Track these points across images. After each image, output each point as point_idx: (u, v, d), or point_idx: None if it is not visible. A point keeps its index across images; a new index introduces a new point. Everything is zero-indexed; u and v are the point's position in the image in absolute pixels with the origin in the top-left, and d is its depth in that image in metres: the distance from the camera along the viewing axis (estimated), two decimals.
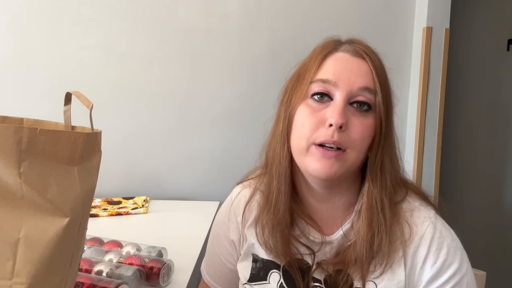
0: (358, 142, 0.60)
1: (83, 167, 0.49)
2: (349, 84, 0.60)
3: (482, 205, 1.90)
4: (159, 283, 0.79)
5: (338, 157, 0.60)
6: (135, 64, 1.54)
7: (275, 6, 1.55)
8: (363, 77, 0.61)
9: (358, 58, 0.62)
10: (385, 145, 0.63)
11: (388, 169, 0.63)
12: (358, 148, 0.61)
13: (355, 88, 0.60)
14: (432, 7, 1.53)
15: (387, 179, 0.63)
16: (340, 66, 0.62)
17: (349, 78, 0.60)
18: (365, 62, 0.62)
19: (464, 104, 1.83)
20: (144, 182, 1.57)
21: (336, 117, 0.58)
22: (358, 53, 0.63)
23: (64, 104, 0.55)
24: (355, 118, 0.60)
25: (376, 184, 0.63)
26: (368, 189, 0.63)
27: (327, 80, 0.61)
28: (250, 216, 0.73)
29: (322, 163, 0.60)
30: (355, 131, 0.60)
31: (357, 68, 0.61)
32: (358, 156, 0.61)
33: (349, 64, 0.62)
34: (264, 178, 0.72)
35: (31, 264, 0.43)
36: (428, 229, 0.63)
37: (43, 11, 1.49)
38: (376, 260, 0.63)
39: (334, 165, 0.60)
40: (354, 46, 0.64)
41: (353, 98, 0.61)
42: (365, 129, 0.60)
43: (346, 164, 0.61)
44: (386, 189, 0.63)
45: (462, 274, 0.62)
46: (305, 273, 0.67)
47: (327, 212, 0.69)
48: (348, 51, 0.63)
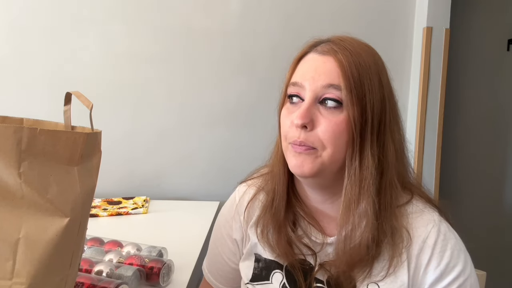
0: (328, 140, 0.60)
1: (83, 167, 0.49)
2: (314, 83, 0.61)
3: (482, 205, 1.90)
4: (159, 283, 0.79)
5: (308, 152, 0.61)
6: (135, 64, 1.54)
7: (275, 6, 1.55)
8: (326, 75, 0.61)
9: (326, 56, 0.62)
10: (363, 143, 0.61)
11: (368, 167, 0.61)
12: (330, 145, 0.60)
13: (319, 87, 0.61)
14: (432, 7, 1.53)
15: (367, 178, 0.61)
16: (306, 67, 0.63)
17: (313, 78, 0.61)
18: (331, 58, 0.61)
19: (464, 104, 1.83)
20: (144, 182, 1.58)
21: (297, 118, 0.60)
22: (326, 51, 0.63)
23: (64, 104, 0.55)
24: (322, 116, 0.61)
25: (353, 182, 0.61)
26: (346, 187, 0.62)
27: (296, 83, 0.63)
28: (253, 215, 0.73)
29: (296, 159, 0.62)
30: (323, 130, 0.60)
31: (322, 66, 0.62)
32: (333, 153, 0.61)
33: (315, 63, 0.62)
34: (268, 177, 0.73)
35: (31, 264, 0.43)
36: (432, 231, 0.63)
37: (43, 12, 1.49)
38: (379, 262, 0.63)
39: (306, 160, 0.61)
40: (327, 45, 0.64)
41: (321, 97, 0.61)
42: (334, 127, 0.60)
43: (319, 160, 0.61)
44: (365, 189, 0.61)
45: (465, 277, 0.62)
46: (308, 274, 0.67)
47: (328, 213, 0.69)
48: (317, 51, 0.64)
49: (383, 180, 0.62)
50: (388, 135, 0.64)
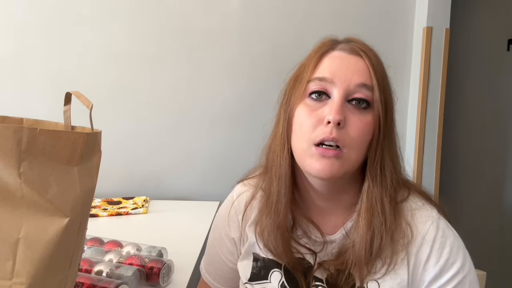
0: (357, 140, 0.60)
1: (83, 167, 0.49)
2: (346, 81, 0.60)
3: (482, 205, 1.90)
4: (159, 283, 0.79)
5: (338, 156, 0.59)
6: (135, 64, 1.54)
7: (275, 6, 1.55)
8: (359, 74, 0.61)
9: (355, 55, 0.63)
10: (385, 144, 0.63)
11: (388, 167, 0.63)
12: (357, 146, 0.60)
13: (352, 85, 0.60)
14: (432, 7, 1.53)
15: (387, 178, 0.63)
16: (336, 64, 0.62)
17: (346, 75, 0.61)
18: (361, 59, 0.62)
19: (464, 104, 1.83)
20: (144, 182, 1.58)
21: (333, 114, 0.58)
22: (354, 50, 0.63)
23: (64, 104, 0.55)
24: (353, 115, 0.60)
25: (376, 183, 0.62)
26: (368, 188, 0.63)
27: (324, 78, 0.61)
28: (251, 215, 0.73)
29: (323, 163, 0.59)
30: (354, 128, 0.60)
31: (354, 65, 0.61)
32: (358, 154, 0.61)
33: (346, 62, 0.62)
34: (265, 177, 0.71)
35: (31, 264, 0.43)
36: (431, 228, 0.63)
37: (43, 12, 1.49)
38: (379, 260, 0.63)
39: (335, 164, 0.59)
40: (351, 44, 0.64)
41: (350, 95, 0.61)
42: (364, 127, 0.60)
43: (346, 163, 0.60)
44: (386, 188, 0.62)
45: (464, 273, 0.62)
46: (307, 273, 0.67)
47: (329, 211, 0.69)
48: (344, 50, 0.64)
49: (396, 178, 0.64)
50: (394, 136, 0.66)
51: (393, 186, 0.63)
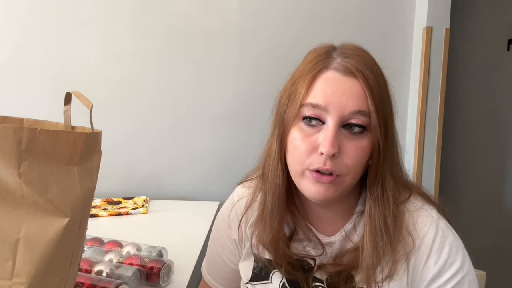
0: (353, 166, 0.59)
1: (83, 167, 0.49)
2: (340, 108, 0.57)
3: (482, 205, 1.90)
4: (159, 283, 0.79)
5: (333, 182, 0.59)
6: (135, 65, 1.54)
7: (276, 7, 1.55)
8: (354, 100, 0.58)
9: (350, 77, 0.59)
10: (385, 162, 0.61)
11: (390, 187, 0.62)
12: (354, 171, 0.60)
13: (346, 112, 0.57)
14: (432, 7, 1.53)
15: (390, 197, 0.62)
16: (330, 89, 0.58)
17: (340, 102, 0.57)
18: (357, 81, 0.58)
19: (464, 104, 1.83)
20: (144, 182, 1.57)
21: (327, 146, 0.56)
22: (349, 71, 0.59)
23: (64, 104, 0.55)
24: (348, 141, 0.58)
25: (377, 205, 0.62)
26: (370, 210, 0.62)
27: (317, 105, 0.58)
28: (251, 216, 0.73)
29: (318, 187, 0.59)
30: (349, 156, 0.58)
31: (349, 89, 0.58)
32: (353, 177, 0.61)
33: (340, 86, 0.58)
34: (262, 184, 0.71)
35: (31, 264, 0.43)
36: (430, 228, 0.63)
37: (43, 11, 1.49)
38: (380, 264, 0.63)
39: (330, 189, 0.59)
40: (346, 61, 0.60)
41: (345, 122, 0.58)
42: (360, 152, 0.59)
43: (341, 187, 0.60)
44: (389, 207, 0.62)
45: (464, 273, 0.62)
46: (307, 273, 0.68)
47: (329, 216, 0.69)
48: (338, 70, 0.59)
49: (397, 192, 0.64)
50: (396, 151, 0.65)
51: (395, 203, 0.63)
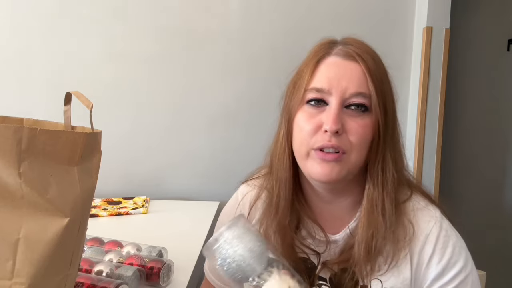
0: (357, 144, 0.61)
1: (83, 167, 0.49)
2: (342, 90, 0.61)
3: (482, 205, 1.90)
4: (159, 283, 0.79)
5: (338, 160, 0.60)
6: (135, 64, 1.54)
7: (274, 6, 1.55)
8: (355, 82, 0.61)
9: (351, 61, 0.62)
10: (386, 145, 0.63)
11: (389, 169, 0.63)
12: (358, 149, 0.61)
13: (347, 94, 0.61)
14: (432, 7, 1.53)
15: (389, 179, 0.63)
16: (332, 72, 0.62)
17: (342, 84, 0.61)
18: (357, 65, 0.62)
19: (464, 104, 1.83)
20: (144, 182, 1.57)
21: (330, 123, 0.59)
22: (350, 55, 0.62)
23: (64, 104, 0.55)
24: (351, 120, 0.61)
25: (376, 185, 0.63)
26: (369, 190, 0.64)
27: (321, 89, 0.62)
28: (255, 215, 0.73)
29: (323, 166, 0.61)
30: (353, 132, 0.60)
31: (349, 72, 0.61)
32: (358, 157, 0.62)
33: (341, 69, 0.62)
34: (269, 178, 0.72)
35: (31, 264, 0.43)
36: (434, 227, 0.64)
37: (43, 11, 1.49)
38: (381, 258, 0.63)
39: (335, 167, 0.60)
40: (347, 47, 0.64)
41: (347, 102, 0.61)
42: (363, 130, 0.61)
43: (346, 166, 0.61)
44: (387, 189, 0.63)
45: (467, 273, 0.63)
46: (311, 272, 0.68)
47: (333, 212, 0.69)
48: (339, 55, 0.63)
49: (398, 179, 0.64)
50: (397, 135, 0.66)
51: (394, 187, 0.63)
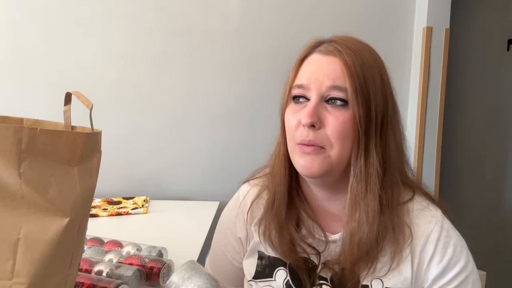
0: (335, 138, 0.61)
1: (83, 167, 0.49)
2: (319, 84, 0.62)
3: (482, 205, 1.90)
4: (159, 283, 0.79)
5: (316, 152, 0.61)
6: (135, 65, 1.54)
7: (275, 6, 1.55)
8: (331, 76, 0.61)
9: (330, 56, 0.63)
10: (369, 140, 0.62)
11: (373, 164, 0.62)
12: (338, 144, 0.61)
13: (324, 88, 0.61)
14: (432, 7, 1.53)
15: (372, 175, 0.62)
16: (311, 68, 0.64)
17: (318, 79, 0.62)
18: (336, 59, 0.62)
19: (464, 104, 1.83)
20: (144, 182, 1.57)
21: (305, 117, 0.60)
22: (330, 51, 0.63)
23: (64, 104, 0.55)
24: (329, 114, 0.61)
25: (358, 180, 0.62)
26: (352, 186, 0.63)
27: (301, 85, 0.64)
28: (257, 214, 0.73)
29: (304, 159, 0.62)
30: (330, 127, 0.61)
31: (326, 67, 0.62)
32: (340, 151, 0.61)
33: (319, 65, 0.63)
34: (270, 176, 0.73)
35: (31, 264, 0.43)
36: (435, 227, 0.64)
37: (43, 12, 1.49)
38: (382, 258, 0.63)
39: (315, 160, 0.61)
40: (330, 45, 0.64)
41: (326, 97, 0.62)
42: (341, 124, 0.61)
43: (327, 160, 0.61)
44: (371, 185, 0.62)
45: (468, 273, 0.63)
46: (311, 272, 0.68)
47: (332, 211, 0.69)
48: (321, 52, 0.64)
49: (386, 177, 0.63)
50: (390, 133, 0.65)
51: (380, 183, 0.62)
